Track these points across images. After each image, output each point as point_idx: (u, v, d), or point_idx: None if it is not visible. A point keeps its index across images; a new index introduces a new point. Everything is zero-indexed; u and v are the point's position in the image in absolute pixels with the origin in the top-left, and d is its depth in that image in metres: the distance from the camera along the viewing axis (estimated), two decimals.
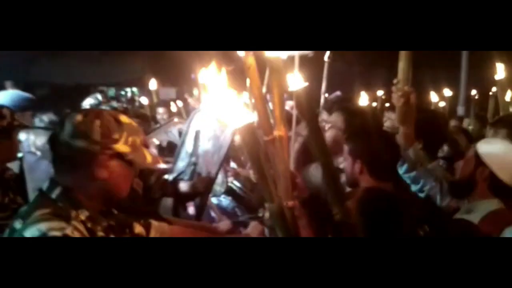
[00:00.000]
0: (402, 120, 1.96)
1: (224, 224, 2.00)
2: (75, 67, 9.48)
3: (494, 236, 1.55)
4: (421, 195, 2.03)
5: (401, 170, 2.00)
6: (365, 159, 1.87)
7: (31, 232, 1.15)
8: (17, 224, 1.21)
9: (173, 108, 5.51)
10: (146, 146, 1.36)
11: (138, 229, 1.54)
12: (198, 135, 2.55)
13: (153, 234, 1.58)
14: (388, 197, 1.31)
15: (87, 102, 3.01)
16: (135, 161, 1.30)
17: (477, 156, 1.75)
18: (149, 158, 1.35)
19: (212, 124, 2.50)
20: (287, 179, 1.36)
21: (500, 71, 2.80)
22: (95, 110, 1.33)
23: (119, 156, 1.27)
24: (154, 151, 2.64)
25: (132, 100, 8.56)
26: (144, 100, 4.96)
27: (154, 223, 1.61)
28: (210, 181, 2.44)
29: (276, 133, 1.27)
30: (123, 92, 10.87)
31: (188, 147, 2.59)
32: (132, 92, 10.82)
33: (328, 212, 1.20)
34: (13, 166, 2.13)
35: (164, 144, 2.72)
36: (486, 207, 1.71)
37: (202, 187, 2.40)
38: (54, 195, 1.25)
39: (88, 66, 9.79)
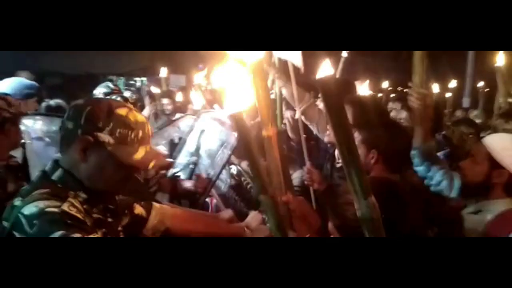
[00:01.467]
0: (419, 121, 1.95)
1: (225, 213, 2.01)
2: (84, 56, 9.54)
3: (505, 236, 1.53)
4: (433, 189, 2.00)
5: (414, 163, 1.98)
6: (381, 149, 1.90)
7: (29, 209, 1.19)
8: (17, 202, 1.26)
9: (179, 97, 5.34)
10: (144, 143, 1.35)
11: (138, 209, 1.57)
12: (202, 135, 2.57)
13: (153, 215, 1.60)
14: (396, 187, 1.30)
15: (99, 91, 3.02)
16: (116, 154, 1.29)
17: (490, 157, 1.69)
18: (139, 156, 1.33)
19: (218, 127, 2.53)
20: (279, 175, 1.38)
21: (500, 59, 2.83)
22: (96, 99, 1.36)
23: (100, 144, 1.28)
24: (162, 147, 2.67)
25: (141, 90, 8.58)
26: (155, 89, 4.92)
27: (156, 205, 1.64)
28: (209, 183, 2.45)
29: (265, 133, 1.30)
30: (132, 82, 10.90)
31: (190, 145, 2.60)
32: (142, 81, 10.85)
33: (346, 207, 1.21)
34: (17, 153, 2.17)
35: (176, 140, 2.75)
36: (498, 207, 1.68)
37: (201, 188, 2.42)
38: (54, 176, 1.31)
39: (97, 55, 9.84)
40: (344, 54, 4.15)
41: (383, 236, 0.89)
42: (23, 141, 2.16)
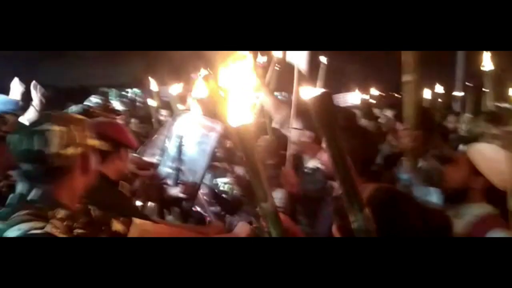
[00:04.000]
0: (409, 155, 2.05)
1: (215, 227, 2.03)
2: (77, 69, 9.54)
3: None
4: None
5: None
6: (354, 158, 1.82)
7: (12, 232, 1.20)
8: None
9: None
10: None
11: (116, 226, 1.54)
12: (181, 140, 2.56)
13: (132, 231, 1.57)
14: (402, 195, 1.26)
15: (75, 109, 2.99)
16: (106, 149, 1.44)
17: (470, 163, 1.75)
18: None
19: (196, 129, 2.51)
20: (264, 190, 1.38)
21: (487, 62, 2.88)
22: (60, 117, 1.37)
23: (93, 150, 1.39)
24: (157, 156, 2.67)
25: (133, 101, 8.58)
26: (152, 102, 4.91)
27: (136, 220, 1.62)
28: (195, 188, 2.45)
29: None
30: (124, 93, 10.90)
31: (170, 152, 2.59)
32: (134, 92, 10.85)
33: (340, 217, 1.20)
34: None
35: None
36: (475, 211, 1.71)
37: (188, 194, 2.43)
38: (30, 196, 1.31)
39: (90, 68, 9.85)
40: (323, 61, 3.98)
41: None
42: None
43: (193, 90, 4.20)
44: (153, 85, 5.18)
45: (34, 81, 2.93)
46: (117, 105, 5.33)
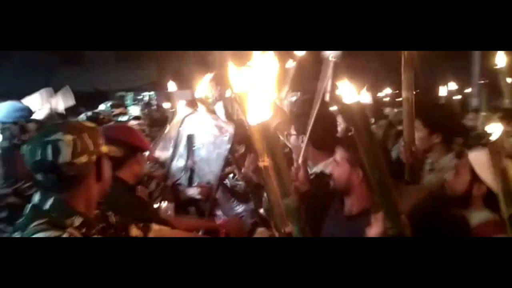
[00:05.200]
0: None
1: (232, 222, 2.06)
2: (93, 74, 9.71)
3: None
4: None
5: None
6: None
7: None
8: (15, 236, 1.27)
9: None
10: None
11: (135, 232, 1.56)
12: (192, 140, 2.57)
13: (151, 236, 1.59)
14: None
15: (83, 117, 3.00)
16: (119, 155, 1.41)
17: (472, 170, 1.72)
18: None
19: (208, 129, 2.52)
20: (279, 207, 1.30)
21: (501, 59, 2.82)
22: (74, 125, 1.39)
23: (107, 156, 1.40)
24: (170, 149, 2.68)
25: (148, 104, 8.67)
26: (166, 105, 4.88)
27: (155, 226, 1.63)
28: (210, 190, 2.46)
29: (261, 163, 1.25)
30: (140, 97, 11.03)
31: (181, 152, 2.60)
32: (149, 96, 10.97)
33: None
34: None
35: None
36: (476, 218, 1.68)
37: (203, 196, 2.45)
38: (46, 206, 1.31)
39: (105, 73, 10.01)
40: (332, 58, 3.86)
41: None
42: None
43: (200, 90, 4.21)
44: (172, 86, 5.13)
45: (67, 86, 2.90)
46: (133, 109, 5.37)
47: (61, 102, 3.01)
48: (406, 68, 1.91)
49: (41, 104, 3.08)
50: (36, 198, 1.35)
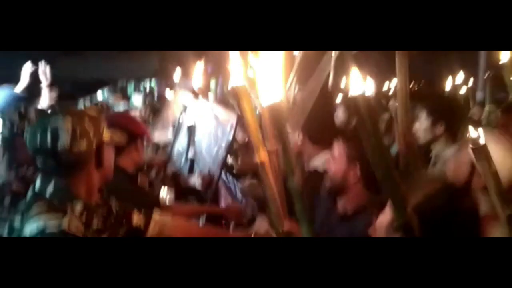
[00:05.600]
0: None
1: (233, 208, 2.05)
2: (94, 63, 9.66)
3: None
4: None
5: None
6: (364, 166, 1.61)
7: (29, 227, 1.22)
8: (16, 221, 1.29)
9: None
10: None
11: (136, 219, 1.56)
12: (193, 130, 2.57)
13: (152, 226, 1.59)
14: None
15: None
16: (120, 142, 1.41)
17: (472, 164, 1.62)
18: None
19: (209, 119, 2.50)
20: (276, 202, 1.32)
21: (504, 54, 2.79)
22: (75, 111, 1.39)
23: (108, 143, 1.39)
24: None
25: (150, 93, 8.64)
26: (169, 95, 4.75)
27: (156, 216, 1.63)
28: (211, 180, 2.46)
29: (257, 159, 1.28)
30: (142, 86, 10.99)
31: (182, 141, 2.60)
32: (151, 85, 10.93)
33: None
34: None
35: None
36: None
37: (204, 185, 2.45)
38: (47, 193, 1.32)
39: (107, 62, 9.97)
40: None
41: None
42: None
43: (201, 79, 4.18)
44: (174, 76, 5.06)
45: (42, 61, 2.86)
46: (135, 98, 5.34)
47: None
48: (400, 54, 1.83)
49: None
50: (37, 184, 1.35)
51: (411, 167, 1.96)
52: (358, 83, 0.92)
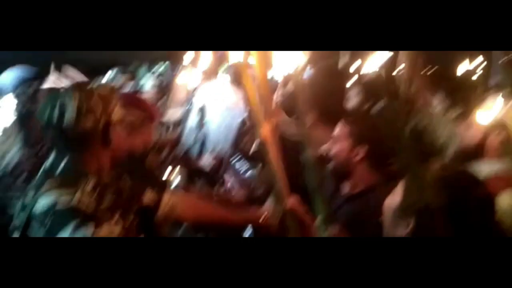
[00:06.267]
0: None
1: (238, 194, 2.05)
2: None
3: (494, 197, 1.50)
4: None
5: None
6: (369, 145, 1.58)
7: (40, 203, 1.23)
8: (29, 196, 1.30)
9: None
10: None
11: (149, 196, 1.56)
12: (203, 110, 2.56)
13: (164, 203, 1.59)
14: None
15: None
16: (130, 122, 1.41)
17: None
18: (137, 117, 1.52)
19: (220, 100, 2.51)
20: (279, 181, 1.32)
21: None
22: (84, 87, 1.38)
23: (118, 122, 1.36)
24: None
25: (162, 76, 8.61)
26: (181, 77, 4.63)
27: (167, 195, 1.63)
28: (221, 161, 2.47)
29: (260, 135, 1.28)
30: (153, 69, 10.94)
31: (192, 121, 2.60)
32: (163, 67, 10.86)
33: None
34: None
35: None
36: (489, 168, 1.62)
37: (213, 167, 2.46)
38: (59, 168, 1.33)
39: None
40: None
41: None
42: None
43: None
44: (189, 57, 4.96)
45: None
46: (146, 80, 5.33)
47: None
48: None
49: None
50: (49, 161, 1.36)
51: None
52: (378, 61, 0.90)
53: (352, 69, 3.16)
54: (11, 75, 2.66)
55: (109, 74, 3.33)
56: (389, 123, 1.65)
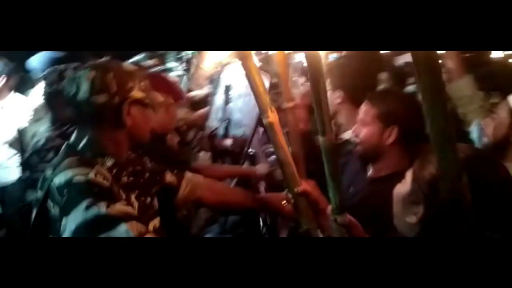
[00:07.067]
0: None
1: (261, 167, 2.04)
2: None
3: None
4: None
5: None
6: (401, 126, 1.49)
7: (59, 178, 1.24)
8: (48, 172, 1.32)
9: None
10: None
11: (170, 178, 1.57)
12: (229, 90, 2.53)
13: (184, 185, 1.60)
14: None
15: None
16: (152, 103, 1.38)
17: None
18: (160, 98, 1.49)
19: (244, 80, 2.46)
20: (290, 165, 1.30)
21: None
22: (103, 64, 1.36)
23: (137, 101, 1.34)
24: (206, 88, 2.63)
25: (188, 62, 8.64)
26: (207, 62, 4.56)
27: (188, 174, 1.63)
28: (244, 142, 2.44)
29: (265, 120, 1.29)
30: (182, 54, 10.99)
31: (218, 102, 2.57)
32: (192, 54, 10.88)
33: None
34: None
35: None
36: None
37: (236, 148, 2.44)
38: (80, 146, 1.34)
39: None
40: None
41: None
42: None
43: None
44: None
45: None
46: (174, 64, 5.37)
47: None
48: None
49: None
50: (72, 137, 1.37)
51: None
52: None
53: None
54: (41, 57, 2.71)
55: (137, 57, 3.36)
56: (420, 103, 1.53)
